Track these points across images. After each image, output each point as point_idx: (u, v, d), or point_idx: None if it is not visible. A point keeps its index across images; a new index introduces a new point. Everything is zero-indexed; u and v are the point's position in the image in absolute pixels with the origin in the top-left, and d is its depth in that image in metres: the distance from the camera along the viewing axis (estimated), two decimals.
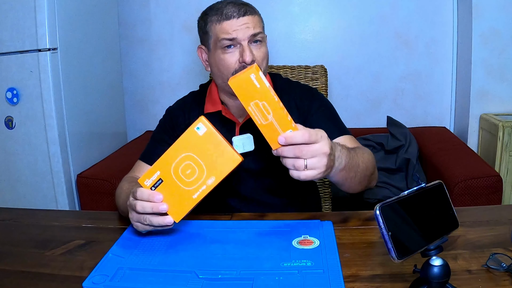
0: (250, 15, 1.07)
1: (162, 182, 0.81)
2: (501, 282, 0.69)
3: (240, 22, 1.06)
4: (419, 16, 2.32)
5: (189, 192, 0.81)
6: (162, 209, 0.80)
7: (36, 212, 1.18)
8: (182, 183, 0.81)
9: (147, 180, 0.81)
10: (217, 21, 1.07)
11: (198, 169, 0.80)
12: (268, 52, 1.14)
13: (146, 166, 1.16)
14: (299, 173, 0.78)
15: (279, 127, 0.77)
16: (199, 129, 0.80)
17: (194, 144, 0.80)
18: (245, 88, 0.75)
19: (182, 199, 0.81)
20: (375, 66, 2.40)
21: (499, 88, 2.16)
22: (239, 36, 1.05)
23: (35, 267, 0.81)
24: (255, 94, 0.75)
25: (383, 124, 2.41)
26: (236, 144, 1.11)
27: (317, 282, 0.71)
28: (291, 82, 1.25)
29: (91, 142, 2.00)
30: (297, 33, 2.39)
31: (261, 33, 1.09)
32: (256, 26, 1.08)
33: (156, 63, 2.51)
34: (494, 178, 1.65)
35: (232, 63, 1.08)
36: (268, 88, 0.75)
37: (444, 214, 0.69)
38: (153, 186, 0.81)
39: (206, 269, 0.76)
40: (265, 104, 0.75)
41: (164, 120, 1.23)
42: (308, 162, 0.77)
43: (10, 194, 1.84)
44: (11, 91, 1.75)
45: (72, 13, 1.83)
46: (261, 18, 1.13)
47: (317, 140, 0.77)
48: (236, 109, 1.18)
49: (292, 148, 0.77)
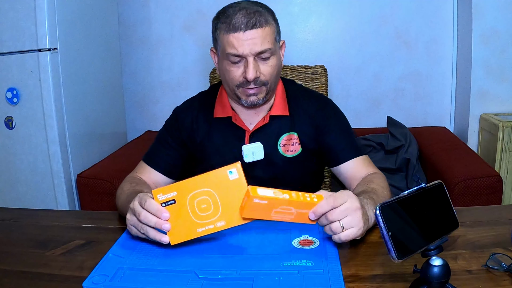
0: (260, 27, 1.01)
1: (175, 203, 0.80)
2: (501, 282, 0.69)
3: (247, 36, 1.00)
4: (419, 16, 2.32)
5: (195, 224, 0.80)
6: (165, 227, 0.79)
7: (36, 212, 1.18)
8: (193, 214, 0.80)
9: (161, 195, 0.80)
10: (225, 30, 1.02)
11: (213, 208, 0.80)
12: (279, 63, 1.10)
13: (148, 168, 1.15)
14: (339, 235, 0.78)
15: (305, 211, 0.78)
16: (232, 173, 0.79)
17: (221, 185, 0.79)
18: (257, 209, 0.76)
19: (186, 227, 0.81)
20: (375, 66, 2.40)
21: (499, 88, 2.16)
22: (245, 52, 1.01)
23: (35, 267, 0.81)
24: (269, 207, 0.76)
25: (383, 124, 2.41)
26: (246, 153, 1.10)
27: (317, 282, 0.71)
28: (306, 90, 1.22)
29: (91, 142, 2.00)
30: (297, 33, 2.39)
31: (269, 49, 1.03)
32: (264, 42, 1.02)
33: (156, 63, 2.51)
34: (494, 178, 1.65)
35: (237, 76, 1.06)
36: (274, 196, 0.75)
37: (444, 214, 0.69)
38: (164, 203, 0.80)
39: (206, 269, 0.76)
40: (282, 207, 0.77)
41: (170, 121, 1.21)
42: (343, 223, 0.77)
43: (10, 194, 1.84)
44: (11, 91, 1.75)
45: (72, 13, 1.83)
46: (273, 26, 1.06)
47: (344, 200, 0.78)
48: (246, 116, 1.16)
49: (324, 217, 0.78)
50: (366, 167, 1.10)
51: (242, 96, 1.08)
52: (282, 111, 1.14)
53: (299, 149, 1.14)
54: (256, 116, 1.15)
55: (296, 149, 1.14)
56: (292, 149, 1.14)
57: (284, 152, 1.13)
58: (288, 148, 1.13)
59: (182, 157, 1.18)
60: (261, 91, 1.08)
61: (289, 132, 1.14)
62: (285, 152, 1.13)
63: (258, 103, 1.09)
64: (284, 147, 1.13)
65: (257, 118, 1.15)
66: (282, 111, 1.14)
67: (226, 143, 1.14)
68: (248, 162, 1.10)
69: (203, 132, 1.16)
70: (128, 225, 0.86)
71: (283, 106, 1.15)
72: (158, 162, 1.15)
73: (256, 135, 1.13)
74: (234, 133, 1.14)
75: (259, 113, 1.15)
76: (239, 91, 1.08)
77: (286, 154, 1.13)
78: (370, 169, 1.10)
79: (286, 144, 1.13)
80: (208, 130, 1.16)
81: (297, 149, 1.14)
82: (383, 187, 1.00)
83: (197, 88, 2.59)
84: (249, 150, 1.10)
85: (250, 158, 1.10)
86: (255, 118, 1.15)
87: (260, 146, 1.11)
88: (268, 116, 1.13)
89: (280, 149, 1.13)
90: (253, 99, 1.08)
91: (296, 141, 1.14)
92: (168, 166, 1.15)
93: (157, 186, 1.14)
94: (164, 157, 1.16)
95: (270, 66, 1.06)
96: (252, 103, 1.09)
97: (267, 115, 1.14)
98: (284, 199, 0.75)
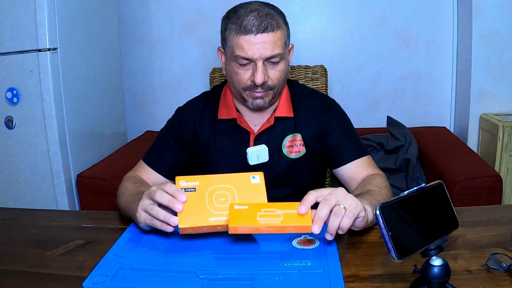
0: (271, 31, 1.00)
1: (195, 191, 0.83)
2: (501, 282, 0.69)
3: (258, 40, 0.99)
4: (419, 16, 2.32)
5: (209, 213, 0.82)
6: (177, 207, 0.80)
7: (36, 212, 1.18)
8: (210, 204, 0.83)
9: (184, 182, 0.84)
10: (235, 32, 1.01)
11: (231, 202, 0.82)
12: (287, 68, 1.09)
13: (148, 168, 1.15)
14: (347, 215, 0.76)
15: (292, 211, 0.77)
16: (254, 178, 0.86)
17: (242, 185, 0.85)
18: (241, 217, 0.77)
19: (200, 214, 0.82)
20: (375, 66, 2.40)
21: (499, 88, 2.16)
22: (254, 56, 1.01)
23: (35, 267, 0.81)
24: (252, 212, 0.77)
25: (383, 124, 2.41)
26: (251, 155, 1.10)
27: (317, 282, 0.71)
28: (309, 91, 1.21)
29: (91, 142, 2.00)
30: (297, 33, 2.39)
31: (278, 55, 1.02)
32: (274, 46, 1.01)
33: (156, 63, 2.51)
34: (494, 178, 1.65)
35: (244, 79, 1.05)
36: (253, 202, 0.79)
37: (444, 214, 0.69)
38: (184, 189, 0.83)
39: (206, 269, 0.76)
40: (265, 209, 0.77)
41: (172, 122, 1.20)
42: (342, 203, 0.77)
43: (10, 194, 1.84)
44: (11, 91, 1.75)
45: (72, 13, 1.83)
46: (284, 30, 1.05)
47: (328, 190, 0.79)
48: (250, 118, 1.15)
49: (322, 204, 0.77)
50: (366, 168, 1.10)
51: (248, 99, 1.08)
52: (287, 113, 1.14)
53: (303, 150, 1.14)
54: (261, 118, 1.15)
55: (300, 150, 1.14)
56: (296, 150, 1.13)
57: (289, 154, 1.13)
58: (292, 149, 1.13)
59: (183, 158, 1.17)
60: (268, 95, 1.08)
61: (293, 133, 1.14)
62: (289, 154, 1.13)
63: (264, 106, 1.09)
64: (288, 148, 1.13)
65: (262, 120, 1.15)
66: (286, 113, 1.14)
67: (231, 145, 1.14)
68: (252, 165, 1.10)
69: (207, 134, 1.16)
70: (138, 212, 0.86)
71: (288, 108, 1.15)
72: (158, 163, 1.15)
73: (260, 137, 1.13)
74: (239, 135, 1.14)
75: (264, 115, 1.15)
76: (246, 93, 1.08)
77: (290, 155, 1.13)
78: (370, 170, 1.09)
79: (290, 145, 1.13)
80: (212, 132, 1.15)
81: (301, 150, 1.14)
82: (381, 187, 0.99)
83: (197, 88, 2.59)
84: (254, 152, 1.10)
85: (255, 161, 1.10)
86: (260, 120, 1.15)
87: (265, 148, 1.11)
88: (273, 118, 1.13)
89: (284, 150, 1.13)
90: (259, 102, 1.08)
91: (300, 142, 1.14)
92: (168, 167, 1.15)
93: None
94: (164, 158, 1.15)
95: (279, 71, 1.05)
96: (258, 106, 1.09)
97: (271, 116, 1.13)
98: (264, 202, 0.78)
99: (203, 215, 0.81)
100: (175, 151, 1.16)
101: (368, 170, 1.09)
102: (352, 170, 1.10)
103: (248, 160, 1.10)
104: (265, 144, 1.11)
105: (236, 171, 1.14)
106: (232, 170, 1.14)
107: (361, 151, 1.13)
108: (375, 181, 1.01)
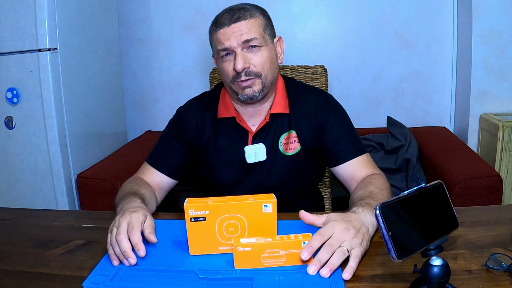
0: (243, 20, 1.04)
1: (204, 221, 0.82)
2: (501, 282, 0.69)
3: (232, 29, 1.03)
4: (419, 16, 2.32)
5: (219, 242, 0.83)
6: (130, 261, 0.77)
7: (36, 212, 1.18)
8: (219, 233, 0.82)
9: (193, 211, 0.81)
10: (214, 30, 1.07)
11: (240, 232, 0.83)
12: (272, 56, 1.09)
13: (152, 169, 1.15)
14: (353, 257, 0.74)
15: (294, 250, 0.77)
16: (266, 207, 0.82)
17: (253, 214, 0.82)
18: (245, 258, 0.77)
19: (209, 243, 0.83)
20: (375, 66, 2.40)
21: (499, 88, 2.16)
22: (231, 44, 1.03)
23: (35, 267, 0.81)
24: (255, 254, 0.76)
25: (383, 124, 2.41)
26: (248, 154, 1.10)
27: (317, 282, 0.71)
28: (306, 87, 1.21)
29: (91, 142, 2.00)
30: (297, 33, 2.39)
31: (256, 39, 1.04)
32: (250, 31, 1.03)
33: (156, 63, 2.51)
34: (494, 178, 1.65)
35: (230, 70, 1.06)
36: (257, 242, 0.77)
37: (444, 214, 0.69)
38: (194, 218, 0.81)
39: (206, 269, 0.76)
40: (268, 251, 0.77)
41: (174, 122, 1.20)
42: (345, 245, 0.75)
43: (10, 194, 1.84)
44: (11, 91, 1.75)
45: (72, 13, 1.83)
46: (260, 20, 1.07)
47: (331, 231, 0.76)
48: (248, 117, 1.15)
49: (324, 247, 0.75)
50: (366, 167, 1.09)
51: (238, 91, 1.08)
52: (283, 109, 1.14)
53: (298, 146, 1.14)
54: (258, 116, 1.15)
55: (295, 147, 1.14)
56: (291, 147, 1.14)
57: (285, 151, 1.13)
58: (288, 146, 1.13)
59: (186, 158, 1.18)
60: (255, 83, 1.07)
61: (288, 130, 1.14)
62: (285, 151, 1.13)
63: (254, 96, 1.08)
64: (284, 145, 1.13)
65: (259, 118, 1.15)
66: (282, 109, 1.14)
67: (230, 144, 1.15)
68: (250, 163, 1.10)
69: (209, 133, 1.16)
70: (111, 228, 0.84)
71: (284, 104, 1.15)
72: (161, 163, 1.15)
73: (258, 136, 1.13)
74: (238, 134, 1.14)
75: (260, 113, 1.15)
76: (235, 86, 1.08)
77: (286, 152, 1.14)
78: (370, 169, 1.09)
79: (286, 142, 1.13)
80: (213, 131, 1.16)
81: (296, 147, 1.14)
82: (382, 188, 0.99)
83: (197, 88, 2.59)
84: (251, 151, 1.10)
85: (253, 159, 1.10)
86: (257, 118, 1.15)
87: (262, 147, 1.11)
88: (269, 114, 1.13)
89: (281, 148, 1.13)
90: (249, 92, 1.07)
91: (295, 139, 1.14)
92: (172, 167, 1.15)
93: (161, 187, 1.14)
94: (169, 158, 1.16)
95: (261, 56, 1.06)
96: (248, 96, 1.07)
97: (268, 114, 1.14)
98: (267, 242, 0.76)
99: (213, 244, 0.83)
100: (179, 151, 1.16)
101: (368, 169, 1.09)
102: (351, 169, 1.10)
103: (246, 158, 1.10)
104: (263, 143, 1.12)
105: (234, 169, 1.15)
106: (231, 169, 1.15)
107: (359, 149, 1.12)
108: (376, 182, 1.01)
